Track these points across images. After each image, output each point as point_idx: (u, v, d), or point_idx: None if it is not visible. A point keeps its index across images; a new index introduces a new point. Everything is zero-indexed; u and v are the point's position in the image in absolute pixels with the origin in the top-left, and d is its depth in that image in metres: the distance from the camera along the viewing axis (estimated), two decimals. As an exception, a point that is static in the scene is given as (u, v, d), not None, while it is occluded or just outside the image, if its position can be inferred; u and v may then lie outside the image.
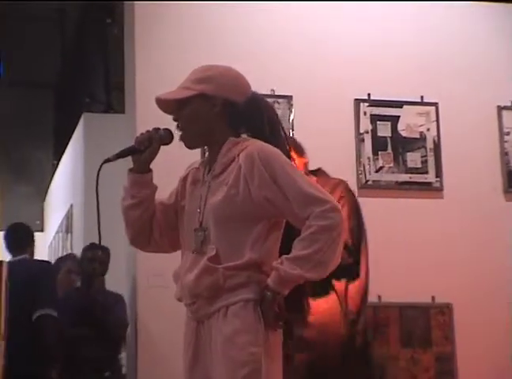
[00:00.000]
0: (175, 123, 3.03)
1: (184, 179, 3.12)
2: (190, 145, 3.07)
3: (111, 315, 5.73)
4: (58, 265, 6.01)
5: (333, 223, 2.81)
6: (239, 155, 2.96)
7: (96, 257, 5.95)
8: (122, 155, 3.03)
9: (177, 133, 3.02)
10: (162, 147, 3.01)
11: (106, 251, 5.98)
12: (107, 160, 3.00)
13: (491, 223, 5.95)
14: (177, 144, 2.99)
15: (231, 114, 3.04)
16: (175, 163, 3.66)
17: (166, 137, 3.01)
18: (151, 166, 3.05)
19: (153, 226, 3.11)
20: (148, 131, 3.03)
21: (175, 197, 3.12)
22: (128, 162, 3.08)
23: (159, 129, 3.03)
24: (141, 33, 5.78)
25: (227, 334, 2.86)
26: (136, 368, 5.35)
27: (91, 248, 6.04)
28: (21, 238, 5.98)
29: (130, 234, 3.15)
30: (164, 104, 3.07)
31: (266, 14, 5.96)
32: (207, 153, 3.11)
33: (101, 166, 2.97)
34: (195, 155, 3.38)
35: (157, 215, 3.10)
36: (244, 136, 3.04)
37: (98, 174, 2.99)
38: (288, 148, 3.07)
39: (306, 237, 2.82)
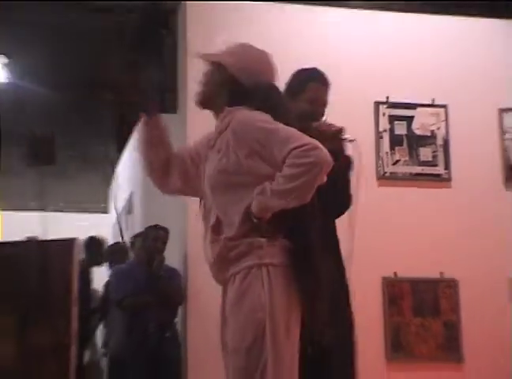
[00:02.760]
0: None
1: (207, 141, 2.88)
2: (198, 105, 2.88)
3: (169, 286, 5.77)
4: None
5: (316, 160, 2.51)
6: (229, 124, 2.71)
7: (158, 236, 5.96)
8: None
9: None
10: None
11: (166, 231, 6.02)
12: None
13: (493, 208, 5.92)
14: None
15: (234, 88, 2.78)
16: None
17: None
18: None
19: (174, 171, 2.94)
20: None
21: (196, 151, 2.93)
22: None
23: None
24: (193, 43, 5.75)
25: (231, 301, 2.61)
26: (186, 331, 5.42)
27: (155, 228, 6.04)
28: None
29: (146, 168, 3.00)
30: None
31: (289, 22, 5.93)
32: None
33: None
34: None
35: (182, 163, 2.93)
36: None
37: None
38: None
39: (289, 173, 2.53)
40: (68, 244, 4.74)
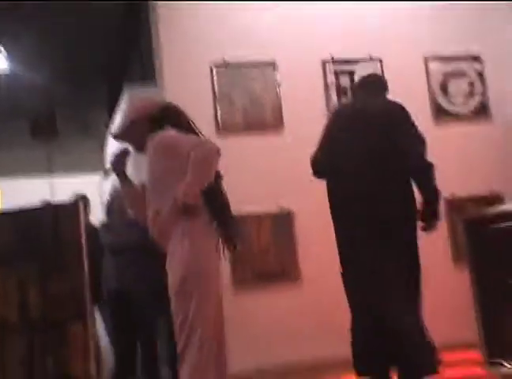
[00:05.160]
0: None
1: None
2: None
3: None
4: None
5: None
6: None
7: None
8: None
9: None
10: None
11: None
12: None
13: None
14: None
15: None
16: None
17: None
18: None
19: None
20: None
21: None
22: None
23: None
24: (164, 27, 5.84)
25: None
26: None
27: None
28: None
29: None
30: None
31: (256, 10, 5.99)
32: None
33: None
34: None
35: None
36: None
37: None
38: None
39: None
40: (73, 205, 4.75)
